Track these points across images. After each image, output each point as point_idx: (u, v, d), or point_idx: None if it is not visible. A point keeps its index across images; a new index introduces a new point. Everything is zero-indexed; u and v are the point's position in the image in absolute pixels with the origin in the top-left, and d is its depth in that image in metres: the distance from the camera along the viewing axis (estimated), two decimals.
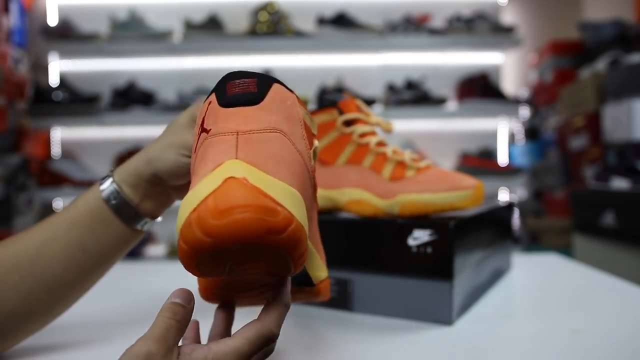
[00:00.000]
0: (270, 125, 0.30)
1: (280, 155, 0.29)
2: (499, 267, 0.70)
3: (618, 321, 0.53)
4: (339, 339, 0.49)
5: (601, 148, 1.97)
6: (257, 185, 0.26)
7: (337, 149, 0.58)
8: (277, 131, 0.31)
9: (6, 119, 1.83)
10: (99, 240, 0.44)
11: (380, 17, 2.26)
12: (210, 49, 2.11)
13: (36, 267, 0.42)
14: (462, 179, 0.55)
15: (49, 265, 0.42)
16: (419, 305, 0.53)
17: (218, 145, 0.29)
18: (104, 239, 0.44)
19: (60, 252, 0.42)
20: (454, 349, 0.46)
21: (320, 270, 0.39)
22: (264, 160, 0.28)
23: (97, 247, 0.44)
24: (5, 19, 1.89)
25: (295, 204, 0.27)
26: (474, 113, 2.16)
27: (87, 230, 0.43)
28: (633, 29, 2.16)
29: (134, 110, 2.07)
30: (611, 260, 1.50)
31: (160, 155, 0.44)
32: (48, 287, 0.42)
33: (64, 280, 0.43)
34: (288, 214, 0.26)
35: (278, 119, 0.31)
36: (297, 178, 0.30)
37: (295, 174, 0.30)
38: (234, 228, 0.25)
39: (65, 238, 0.43)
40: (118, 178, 0.45)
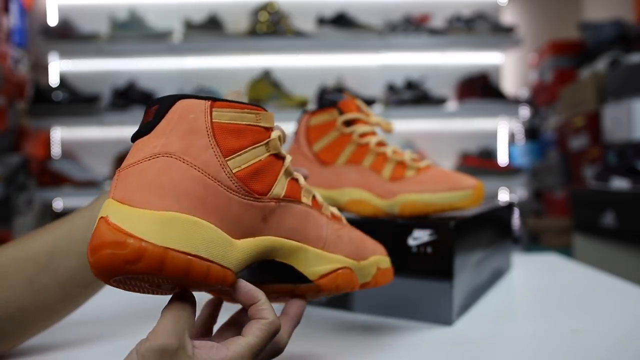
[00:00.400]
0: (152, 152, 0.31)
1: (156, 181, 0.30)
2: (499, 267, 0.70)
3: (618, 321, 0.53)
4: (339, 339, 0.49)
5: (601, 148, 1.97)
6: (114, 222, 0.28)
7: (337, 149, 0.58)
8: (161, 155, 0.31)
9: (6, 119, 1.83)
10: None
11: (380, 17, 2.26)
12: (210, 49, 2.11)
13: (52, 262, 0.42)
14: (462, 179, 0.55)
15: (64, 261, 0.42)
16: (419, 305, 0.53)
17: (110, 185, 0.32)
18: None
19: (76, 248, 0.42)
20: (454, 349, 0.46)
21: (317, 265, 0.38)
22: (131, 194, 0.30)
23: None
24: (5, 19, 1.89)
25: (159, 228, 0.29)
26: (474, 113, 2.16)
27: None
28: (633, 29, 2.16)
29: (134, 110, 2.07)
30: (611, 260, 1.50)
31: None
32: (61, 283, 0.42)
33: (78, 277, 0.43)
34: (137, 244, 0.28)
35: (167, 141, 0.32)
36: (185, 197, 0.31)
37: (181, 194, 0.30)
38: (100, 264, 0.28)
39: (82, 235, 0.43)
40: None
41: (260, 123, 0.36)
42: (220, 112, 0.34)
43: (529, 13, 3.25)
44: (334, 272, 0.39)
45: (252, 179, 0.34)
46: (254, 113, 0.35)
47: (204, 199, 0.31)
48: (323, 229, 0.40)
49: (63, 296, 0.43)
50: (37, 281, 0.41)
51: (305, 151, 0.59)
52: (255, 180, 0.34)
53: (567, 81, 2.33)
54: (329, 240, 0.40)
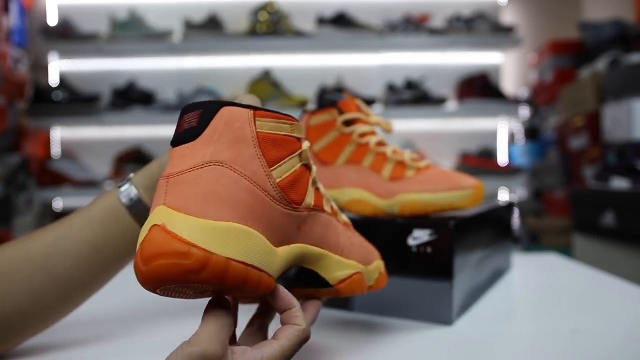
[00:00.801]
0: (203, 160, 0.31)
1: (212, 190, 0.30)
2: (499, 267, 0.70)
3: (618, 321, 0.53)
4: (339, 339, 0.49)
5: (601, 148, 1.97)
6: (173, 230, 0.28)
7: (337, 149, 0.58)
8: (212, 164, 0.31)
9: (6, 119, 1.83)
10: (113, 241, 0.44)
11: (380, 17, 2.26)
12: (210, 49, 2.11)
13: (49, 262, 0.42)
14: (462, 179, 0.55)
15: (61, 260, 0.42)
16: (419, 305, 0.53)
17: (157, 191, 0.32)
18: (118, 239, 0.44)
19: (73, 249, 0.43)
20: (454, 349, 0.46)
21: (337, 271, 0.40)
22: (187, 202, 0.30)
23: (110, 247, 0.44)
24: (5, 19, 1.89)
25: (220, 239, 0.29)
26: (474, 113, 2.16)
27: (102, 229, 0.44)
28: (633, 29, 2.16)
29: (134, 110, 2.07)
30: (611, 260, 1.50)
31: None
32: (59, 283, 0.42)
33: (75, 277, 0.43)
34: (202, 254, 0.28)
35: (216, 150, 0.32)
36: (238, 207, 0.31)
37: (235, 204, 0.31)
38: (155, 274, 0.27)
39: (79, 235, 0.43)
40: (136, 181, 0.46)
41: (294, 134, 0.36)
42: (262, 122, 0.34)
43: (529, 13, 3.25)
44: (351, 278, 0.40)
45: (291, 189, 0.35)
46: (289, 124, 0.36)
47: (254, 209, 0.32)
48: (341, 236, 0.41)
49: (61, 296, 0.43)
50: (35, 281, 0.41)
51: None
52: (293, 190, 0.35)
53: (567, 81, 2.33)
54: (345, 246, 0.41)
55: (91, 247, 0.43)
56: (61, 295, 0.43)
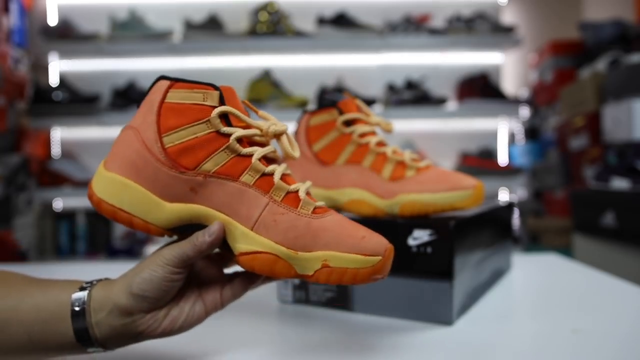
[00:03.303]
0: (127, 125, 0.42)
1: (118, 150, 0.41)
2: (499, 267, 0.70)
3: (618, 321, 0.53)
4: (339, 339, 0.49)
5: (601, 148, 1.97)
6: (92, 179, 0.42)
7: (337, 149, 0.58)
8: (127, 128, 0.41)
9: (6, 119, 1.83)
10: (46, 340, 0.38)
11: (380, 17, 2.26)
12: (210, 49, 2.11)
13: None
14: (462, 179, 0.55)
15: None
16: (419, 305, 0.53)
17: None
18: (50, 339, 0.38)
19: (13, 329, 0.37)
20: (454, 349, 0.46)
21: (241, 243, 0.40)
22: (107, 158, 0.42)
23: (41, 345, 0.38)
24: (5, 18, 1.89)
25: (106, 185, 0.40)
26: (474, 113, 2.16)
27: (42, 325, 0.38)
28: (633, 29, 2.16)
29: (134, 110, 2.07)
30: (611, 260, 1.50)
31: (142, 271, 0.39)
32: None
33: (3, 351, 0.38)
34: (91, 193, 0.41)
35: (137, 116, 0.41)
36: (125, 163, 0.40)
37: (124, 160, 0.40)
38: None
39: (23, 317, 0.38)
40: (95, 291, 0.39)
41: (206, 102, 0.40)
42: (176, 92, 0.40)
43: (529, 13, 3.24)
44: (252, 254, 0.39)
45: (182, 154, 0.39)
46: (201, 92, 0.40)
47: (138, 167, 0.40)
48: (257, 210, 0.40)
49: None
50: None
51: (305, 151, 0.59)
52: (184, 155, 0.39)
53: (567, 81, 2.33)
54: (262, 222, 0.40)
55: (27, 334, 0.38)
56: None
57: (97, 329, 0.38)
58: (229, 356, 0.44)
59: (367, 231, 0.40)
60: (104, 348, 0.39)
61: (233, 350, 0.46)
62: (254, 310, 0.58)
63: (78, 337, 0.38)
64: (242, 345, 0.47)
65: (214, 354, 0.45)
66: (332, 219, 0.41)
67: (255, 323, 0.54)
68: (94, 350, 0.39)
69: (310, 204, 0.41)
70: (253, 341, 0.49)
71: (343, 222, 0.41)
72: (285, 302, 0.61)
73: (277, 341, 0.50)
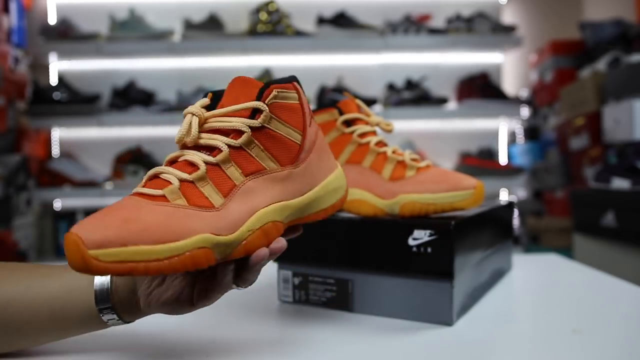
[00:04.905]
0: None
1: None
2: (499, 267, 0.70)
3: (618, 321, 0.53)
4: (339, 339, 0.49)
5: (601, 148, 1.97)
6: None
7: (337, 149, 0.58)
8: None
9: (6, 118, 1.83)
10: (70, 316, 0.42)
11: (380, 17, 2.26)
12: (210, 49, 2.10)
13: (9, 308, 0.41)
14: (462, 179, 0.55)
15: (20, 312, 0.41)
16: (419, 306, 0.53)
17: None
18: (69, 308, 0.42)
19: (33, 305, 0.41)
20: (454, 349, 0.46)
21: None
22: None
23: (64, 320, 0.42)
24: (4, 18, 1.89)
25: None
26: (474, 113, 2.16)
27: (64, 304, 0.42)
28: (633, 29, 2.16)
29: (133, 110, 2.07)
30: (611, 260, 1.50)
31: None
32: (9, 331, 0.41)
33: (24, 330, 0.42)
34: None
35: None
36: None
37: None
38: None
39: (45, 294, 0.42)
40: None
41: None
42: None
43: (529, 13, 3.24)
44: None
45: None
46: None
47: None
48: None
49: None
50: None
51: None
52: None
53: (567, 81, 2.32)
54: None
55: (50, 308, 0.41)
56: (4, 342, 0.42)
57: (116, 294, 0.41)
58: (229, 356, 0.44)
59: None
60: (120, 317, 0.42)
61: (233, 350, 0.46)
62: (254, 310, 0.58)
63: (98, 300, 0.41)
64: (242, 345, 0.47)
65: (214, 353, 0.45)
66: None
67: (255, 323, 0.54)
68: (111, 319, 0.42)
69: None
70: (253, 341, 0.49)
71: None
72: (285, 302, 0.61)
73: (277, 341, 0.49)
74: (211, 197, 0.37)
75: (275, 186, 0.40)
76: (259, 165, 0.40)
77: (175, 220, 0.35)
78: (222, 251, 0.36)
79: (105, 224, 0.33)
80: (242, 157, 0.39)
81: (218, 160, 0.38)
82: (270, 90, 0.40)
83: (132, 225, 0.33)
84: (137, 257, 0.33)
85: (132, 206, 0.35)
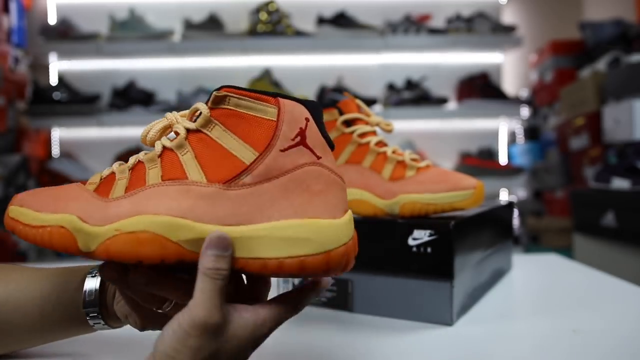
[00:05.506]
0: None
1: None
2: (499, 267, 0.70)
3: (618, 321, 0.53)
4: (339, 339, 0.49)
5: (601, 148, 1.97)
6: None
7: (337, 149, 0.58)
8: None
9: (6, 118, 1.83)
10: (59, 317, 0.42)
11: (380, 17, 2.26)
12: (210, 49, 2.10)
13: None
14: (462, 179, 0.55)
15: (12, 312, 0.41)
16: (419, 306, 0.53)
17: (342, 192, 0.36)
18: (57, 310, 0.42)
19: (24, 305, 0.41)
20: (454, 349, 0.46)
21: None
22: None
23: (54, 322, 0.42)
24: (4, 18, 1.89)
25: None
26: (474, 113, 2.16)
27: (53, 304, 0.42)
28: (633, 29, 2.16)
29: (133, 110, 2.07)
30: (611, 260, 1.50)
31: None
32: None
33: (15, 332, 0.42)
34: None
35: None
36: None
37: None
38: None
39: (36, 297, 0.42)
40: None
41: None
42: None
43: (529, 13, 3.24)
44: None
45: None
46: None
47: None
48: None
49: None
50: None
51: None
52: None
53: (567, 81, 2.32)
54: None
55: (40, 309, 0.41)
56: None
57: (103, 300, 0.41)
58: None
59: None
60: (106, 322, 0.42)
61: None
62: None
63: (85, 304, 0.40)
64: None
65: None
66: None
67: None
68: (97, 323, 0.41)
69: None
70: None
71: None
72: None
73: (277, 341, 0.49)
74: (115, 190, 0.35)
75: (186, 199, 0.33)
76: (182, 173, 0.34)
77: (66, 197, 0.35)
78: (84, 242, 0.33)
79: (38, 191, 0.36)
80: (169, 160, 0.35)
81: (145, 158, 0.36)
82: (220, 93, 0.35)
83: (40, 193, 0.35)
84: (21, 217, 0.34)
85: (70, 186, 0.36)
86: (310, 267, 0.33)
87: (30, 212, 0.34)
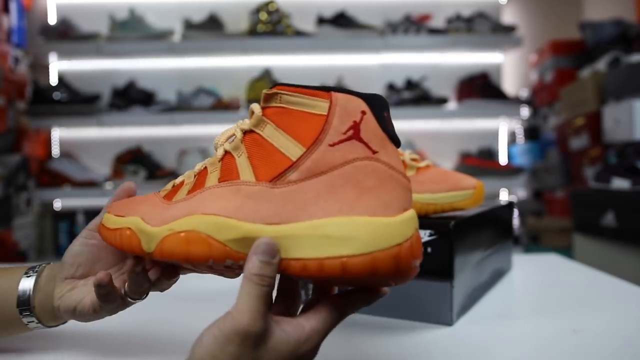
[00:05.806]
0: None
1: None
2: (499, 267, 0.70)
3: (618, 321, 0.53)
4: (339, 339, 0.48)
5: (601, 148, 1.97)
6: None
7: None
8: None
9: (6, 118, 1.83)
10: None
11: (380, 17, 2.26)
12: (210, 49, 2.10)
13: None
14: (462, 179, 0.55)
15: None
16: (419, 306, 0.53)
17: (400, 189, 0.32)
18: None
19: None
20: (454, 349, 0.46)
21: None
22: None
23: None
24: (4, 18, 1.89)
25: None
26: (474, 113, 2.16)
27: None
28: (633, 29, 2.16)
29: (133, 110, 2.07)
30: (611, 260, 1.50)
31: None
32: None
33: None
34: None
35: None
36: None
37: None
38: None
39: None
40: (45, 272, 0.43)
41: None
42: None
43: (529, 13, 3.24)
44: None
45: None
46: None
47: None
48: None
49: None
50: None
51: None
52: None
53: (567, 81, 2.32)
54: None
55: None
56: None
57: (37, 298, 0.41)
58: None
59: None
60: (39, 321, 0.42)
61: None
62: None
63: (19, 302, 0.41)
64: None
65: None
66: None
67: None
68: (31, 321, 0.42)
69: None
70: None
71: None
72: None
73: None
74: (179, 194, 0.36)
75: (235, 199, 0.32)
76: (236, 174, 0.34)
77: (139, 201, 0.37)
78: (147, 242, 0.34)
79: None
80: (227, 163, 0.35)
81: (209, 163, 0.36)
82: (271, 91, 0.34)
83: (125, 200, 0.39)
84: (106, 222, 0.38)
85: (150, 194, 0.39)
86: (354, 269, 0.29)
87: (112, 217, 0.38)
